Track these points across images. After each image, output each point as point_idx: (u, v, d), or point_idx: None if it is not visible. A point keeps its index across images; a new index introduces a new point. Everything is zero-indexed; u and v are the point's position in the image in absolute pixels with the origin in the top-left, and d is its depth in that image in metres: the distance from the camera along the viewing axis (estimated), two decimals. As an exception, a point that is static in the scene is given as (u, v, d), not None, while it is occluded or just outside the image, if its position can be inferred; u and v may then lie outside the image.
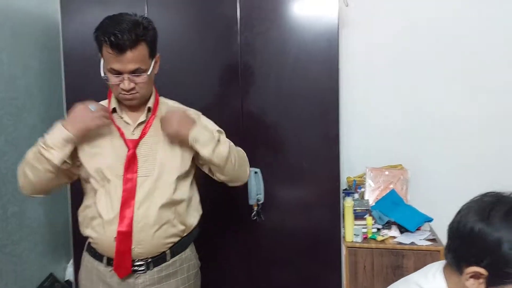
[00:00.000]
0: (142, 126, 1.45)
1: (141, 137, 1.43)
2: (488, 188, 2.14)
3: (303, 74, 1.98)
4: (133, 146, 1.41)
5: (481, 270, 0.92)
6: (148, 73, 1.37)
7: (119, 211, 1.37)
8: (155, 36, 1.39)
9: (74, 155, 1.41)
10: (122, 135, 1.42)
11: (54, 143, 1.33)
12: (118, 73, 1.34)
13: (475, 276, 0.94)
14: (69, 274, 2.33)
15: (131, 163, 1.39)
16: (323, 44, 1.96)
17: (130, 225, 1.37)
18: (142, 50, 1.33)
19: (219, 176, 1.50)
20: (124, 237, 1.36)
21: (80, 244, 1.60)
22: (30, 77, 2.14)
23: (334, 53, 1.95)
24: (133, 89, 1.37)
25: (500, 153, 2.29)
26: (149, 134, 1.44)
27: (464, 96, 2.31)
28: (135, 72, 1.34)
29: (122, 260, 1.38)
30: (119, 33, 1.28)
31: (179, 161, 1.44)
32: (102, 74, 1.37)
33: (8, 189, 2.00)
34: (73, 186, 2.01)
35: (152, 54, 1.39)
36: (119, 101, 1.44)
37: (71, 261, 2.21)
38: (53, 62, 2.08)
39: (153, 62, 1.39)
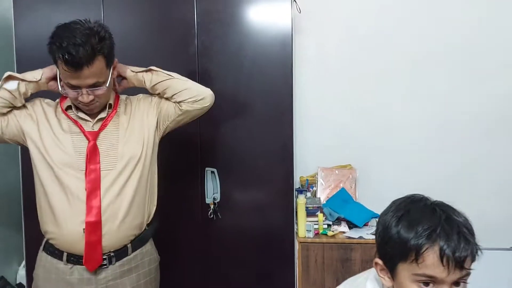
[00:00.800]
0: (102, 122, 1.47)
1: (101, 129, 1.45)
2: (429, 186, 2.35)
3: (259, 77, 2.07)
4: (93, 138, 1.43)
5: (377, 260, 1.01)
6: (107, 84, 1.39)
7: (85, 202, 1.38)
8: (111, 46, 1.40)
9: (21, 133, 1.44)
10: (80, 127, 1.43)
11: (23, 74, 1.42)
12: (76, 87, 1.35)
13: (378, 267, 1.01)
14: (20, 277, 2.29)
15: (92, 154, 1.41)
16: (277, 48, 2.06)
17: (99, 214, 1.38)
18: (99, 64, 1.34)
19: (180, 96, 1.51)
20: (93, 227, 1.38)
21: (33, 246, 1.59)
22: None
23: (288, 57, 2.06)
24: (92, 100, 1.38)
25: (440, 154, 2.48)
26: (109, 128, 1.46)
27: (409, 99, 2.48)
28: (93, 86, 1.35)
29: (93, 252, 1.39)
30: (74, 49, 1.27)
31: (139, 152, 1.48)
32: (60, 89, 1.39)
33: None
34: (25, 187, 2.00)
35: (109, 64, 1.40)
36: (75, 107, 1.45)
37: (23, 264, 2.17)
38: (6, 61, 2.04)
39: (111, 71, 1.41)
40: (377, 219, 2.30)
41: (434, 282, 0.91)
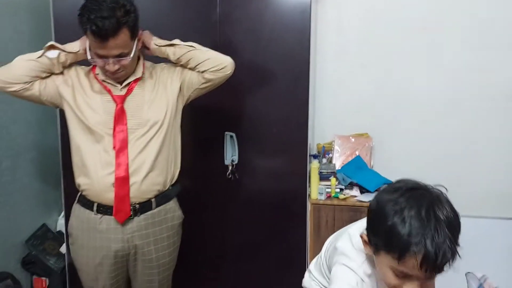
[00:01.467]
0: (128, 86, 1.59)
1: (127, 93, 1.57)
2: (443, 158, 2.36)
3: (278, 45, 2.13)
4: (120, 101, 1.56)
5: (363, 235, 1.07)
6: (131, 55, 1.49)
7: (115, 159, 1.52)
8: (136, 18, 1.48)
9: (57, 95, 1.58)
10: (109, 91, 1.57)
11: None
12: (104, 57, 1.46)
13: (363, 239, 1.08)
14: (60, 225, 2.54)
15: (120, 116, 1.54)
16: (297, 16, 2.10)
17: (127, 170, 1.52)
18: (124, 36, 1.43)
19: (202, 66, 1.60)
20: (122, 182, 1.52)
21: (70, 199, 1.76)
22: (22, 41, 2.27)
23: (306, 25, 2.10)
24: (118, 69, 1.49)
25: (456, 127, 2.50)
26: (135, 92, 1.58)
27: (427, 72, 2.49)
28: (119, 56, 1.46)
29: (122, 205, 1.54)
30: (100, 22, 1.36)
31: (162, 115, 1.60)
32: (89, 58, 1.50)
33: (2, 144, 2.17)
34: (63, 145, 2.19)
35: (134, 36, 1.49)
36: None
37: (62, 214, 2.42)
38: (44, 27, 2.20)
39: (135, 42, 1.50)
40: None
41: (410, 277, 0.96)
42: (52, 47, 1.54)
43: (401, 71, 2.51)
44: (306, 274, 1.54)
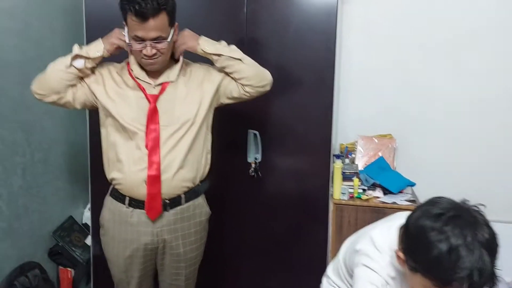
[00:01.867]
0: (161, 85, 1.61)
1: (160, 92, 1.60)
2: (467, 161, 2.32)
3: (303, 45, 2.15)
4: (153, 100, 1.58)
5: (400, 254, 1.08)
6: (168, 40, 1.52)
7: (147, 156, 1.55)
8: (174, 6, 1.53)
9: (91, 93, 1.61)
10: (143, 90, 1.59)
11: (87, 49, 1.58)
12: (141, 40, 1.49)
13: (400, 260, 1.08)
14: (86, 218, 2.61)
15: (153, 115, 1.57)
16: (322, 17, 2.12)
17: (159, 169, 1.56)
18: (163, 19, 1.47)
19: (246, 80, 1.62)
20: (154, 180, 1.56)
21: (97, 193, 1.80)
22: (56, 38, 2.35)
23: (332, 26, 2.11)
24: (154, 54, 1.52)
25: (480, 129, 2.48)
26: (167, 90, 1.61)
27: (452, 74, 2.48)
28: (157, 39, 1.49)
29: (154, 202, 1.58)
30: (143, 1, 1.42)
31: (193, 114, 1.62)
32: (127, 41, 1.53)
33: (36, 137, 2.25)
34: (92, 141, 2.25)
35: (171, 23, 1.53)
36: (140, 67, 1.61)
37: (88, 207, 2.48)
38: (77, 25, 2.27)
39: (172, 30, 1.54)
40: (412, 188, 2.37)
41: None
42: (77, 56, 1.57)
43: (425, 72, 2.50)
44: (324, 280, 1.54)
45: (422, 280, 1.01)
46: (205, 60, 1.70)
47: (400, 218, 1.18)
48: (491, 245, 0.97)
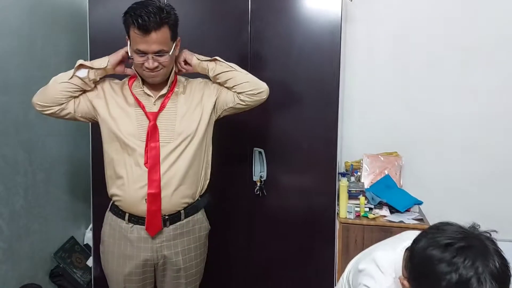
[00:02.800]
0: (162, 99, 1.62)
1: (160, 110, 1.61)
2: (473, 179, 2.30)
3: (307, 62, 2.14)
4: (153, 118, 1.59)
5: (405, 282, 1.05)
6: (170, 53, 1.54)
7: (147, 174, 1.54)
8: (176, 21, 1.55)
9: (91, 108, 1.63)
10: (143, 108, 1.60)
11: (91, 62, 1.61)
12: (143, 53, 1.51)
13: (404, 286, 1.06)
14: (87, 238, 2.56)
15: (153, 133, 1.57)
16: (326, 36, 2.12)
17: (159, 186, 1.55)
18: (165, 32, 1.50)
19: (240, 87, 1.64)
20: (154, 198, 1.55)
21: (99, 213, 1.79)
22: (60, 58, 2.36)
23: (336, 45, 2.11)
24: (156, 67, 1.53)
25: (486, 148, 2.46)
26: (167, 107, 1.62)
27: (457, 92, 2.47)
28: (159, 52, 1.51)
29: (154, 219, 1.57)
30: (146, 15, 1.44)
31: (194, 129, 1.62)
32: (129, 54, 1.55)
33: (38, 157, 2.23)
34: (94, 159, 2.23)
35: (173, 37, 1.55)
36: (142, 80, 1.62)
37: (90, 227, 2.44)
38: (81, 45, 2.29)
39: (174, 45, 1.56)
40: (419, 206, 2.33)
41: None
42: (81, 66, 1.59)
43: (431, 90, 2.49)
44: None
45: None
46: (202, 76, 1.72)
47: (406, 240, 1.15)
48: (502, 276, 0.93)
